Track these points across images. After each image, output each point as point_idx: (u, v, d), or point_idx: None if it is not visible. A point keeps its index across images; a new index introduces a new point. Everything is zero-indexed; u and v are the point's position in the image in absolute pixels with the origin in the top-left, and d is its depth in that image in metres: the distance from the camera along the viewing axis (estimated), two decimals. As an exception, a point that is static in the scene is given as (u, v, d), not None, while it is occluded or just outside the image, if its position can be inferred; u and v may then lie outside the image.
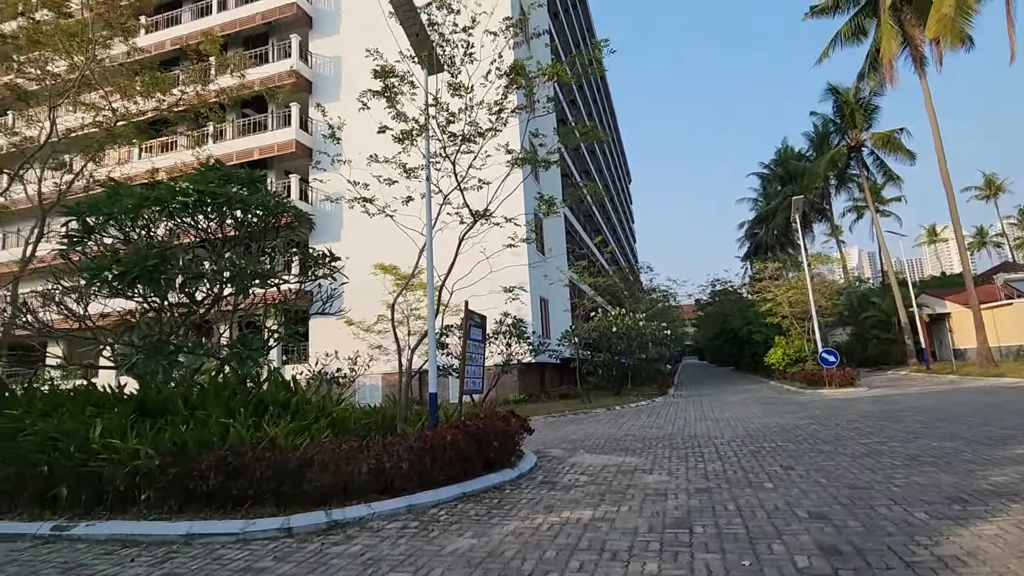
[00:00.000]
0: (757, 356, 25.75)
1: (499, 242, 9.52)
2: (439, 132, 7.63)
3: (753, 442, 7.88)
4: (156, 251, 6.45)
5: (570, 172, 26.79)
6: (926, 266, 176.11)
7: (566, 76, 8.03)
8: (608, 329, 17.98)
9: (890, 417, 9.60)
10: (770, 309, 21.46)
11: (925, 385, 16.49)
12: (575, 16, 34.37)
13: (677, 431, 9.67)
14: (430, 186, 7.44)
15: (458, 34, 7.74)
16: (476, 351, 7.57)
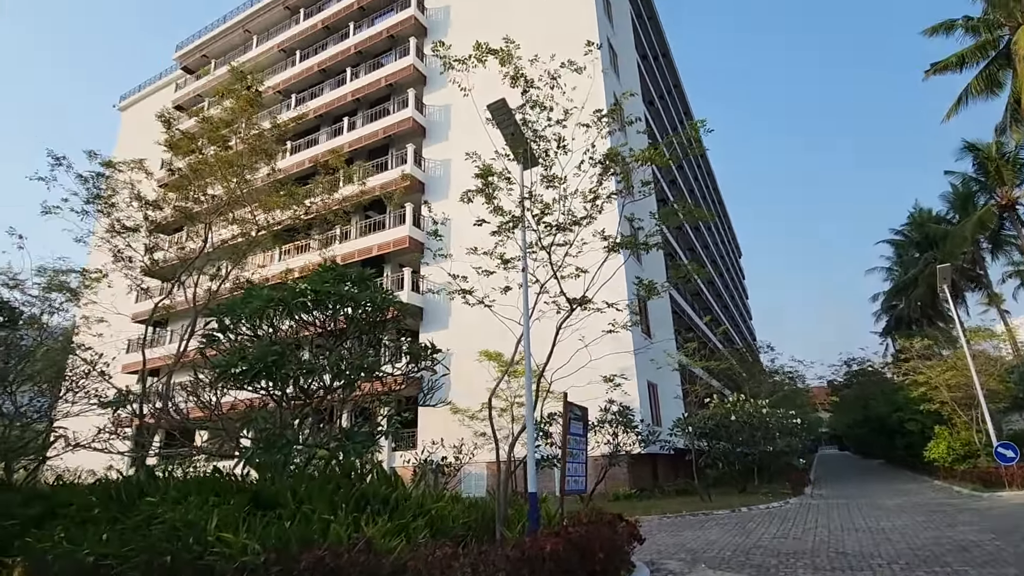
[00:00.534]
0: (913, 448, 22.06)
1: (600, 328, 9.23)
2: (534, 223, 7.77)
3: (923, 565, 6.45)
4: (277, 348, 6.96)
5: (673, 251, 26.14)
6: None
7: (661, 159, 7.98)
8: (726, 417, 16.42)
9: (1114, 539, 7.50)
10: (924, 394, 18.51)
11: None
12: (671, 101, 35.03)
13: (820, 545, 8.24)
14: (526, 277, 7.48)
15: (551, 127, 8.04)
16: (577, 446, 7.13)
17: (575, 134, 8.18)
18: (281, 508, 6.77)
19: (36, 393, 13.20)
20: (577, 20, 22.61)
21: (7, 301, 12.21)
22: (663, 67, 34.47)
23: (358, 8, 28.48)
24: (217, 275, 14.26)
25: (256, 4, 32.57)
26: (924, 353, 19.07)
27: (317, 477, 7.13)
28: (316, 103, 28.05)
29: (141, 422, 11.02)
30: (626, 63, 25.84)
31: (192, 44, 34.99)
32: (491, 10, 24.18)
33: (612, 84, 22.71)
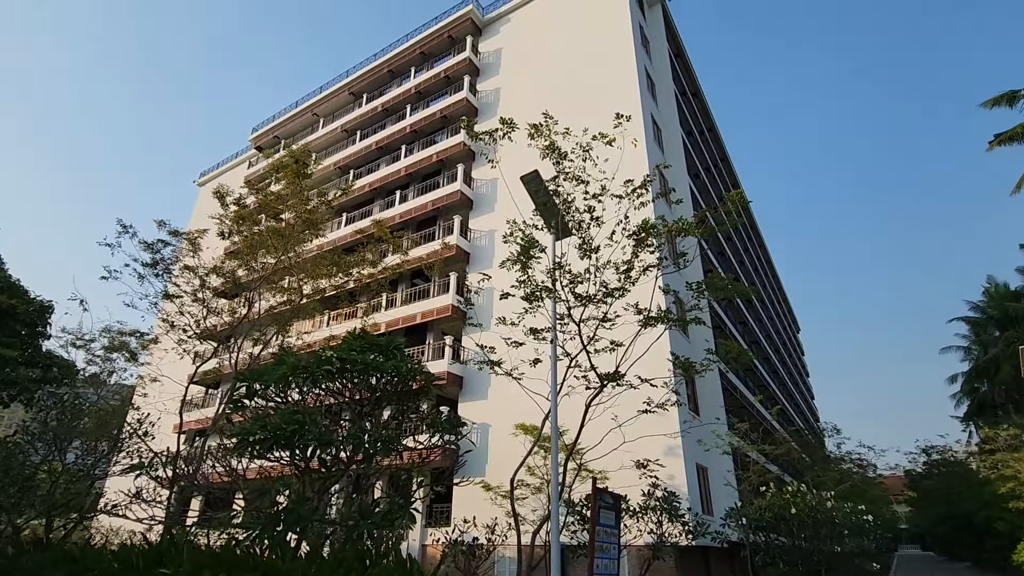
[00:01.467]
0: (1003, 551, 19.31)
1: (640, 405, 8.70)
2: (563, 293, 7.57)
3: None
4: (298, 416, 6.84)
5: (723, 324, 25.12)
6: None
7: (696, 231, 7.66)
8: (785, 509, 14.88)
9: None
10: (1012, 490, 16.34)
11: None
12: (717, 174, 35.02)
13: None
14: (555, 349, 7.20)
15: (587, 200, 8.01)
16: (608, 539, 6.48)
17: (610, 206, 8.10)
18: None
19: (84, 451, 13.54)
20: (621, 99, 23.30)
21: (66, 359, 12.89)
22: (709, 141, 34.75)
23: (415, 92, 30.52)
24: (260, 340, 14.63)
25: (325, 90, 35.56)
26: (1012, 443, 17.02)
27: (327, 558, 6.76)
28: (372, 177, 29.66)
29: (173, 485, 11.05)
30: (670, 138, 26.19)
31: (266, 127, 38.29)
32: (537, 91, 25.34)
33: (656, 157, 22.93)
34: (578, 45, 26.16)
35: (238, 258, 14.62)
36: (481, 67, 29.43)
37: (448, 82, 29.51)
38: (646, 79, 25.07)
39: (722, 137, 38.52)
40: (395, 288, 26.24)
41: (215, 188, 15.77)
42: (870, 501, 21.62)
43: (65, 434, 13.31)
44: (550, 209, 7.62)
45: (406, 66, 32.28)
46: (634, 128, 22.56)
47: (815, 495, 15.40)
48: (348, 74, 34.59)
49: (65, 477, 12.48)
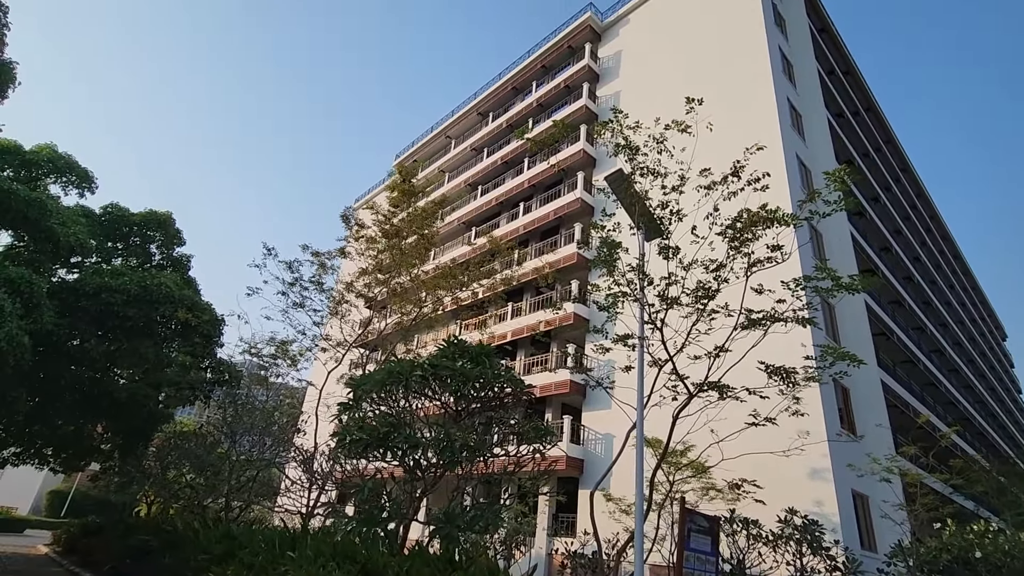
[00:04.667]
0: None
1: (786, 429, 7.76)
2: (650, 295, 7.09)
3: None
4: (390, 420, 7.27)
5: (888, 331, 21.70)
6: None
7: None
8: (967, 552, 12.25)
9: None
10: None
11: None
12: (880, 159, 30.56)
13: None
14: (642, 355, 6.76)
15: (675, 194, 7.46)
16: (701, 567, 5.90)
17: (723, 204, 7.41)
18: (386, 583, 6.81)
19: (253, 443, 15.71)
20: (749, 85, 21.48)
21: (234, 364, 15.14)
22: (868, 122, 30.52)
23: (537, 105, 31.15)
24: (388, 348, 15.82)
25: (456, 113, 37.82)
26: None
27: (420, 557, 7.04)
28: (498, 192, 30.76)
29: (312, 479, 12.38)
30: (814, 122, 23.47)
31: (407, 152, 41.76)
32: (657, 88, 24.34)
33: (793, 145, 20.68)
34: (699, 34, 24.74)
35: (368, 275, 16.02)
36: (600, 72, 29.13)
37: (568, 91, 29.65)
38: (780, 60, 22.82)
39: (885, 117, 33.56)
40: (521, 297, 26.79)
41: (342, 213, 17.48)
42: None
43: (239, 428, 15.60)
44: (635, 207, 7.22)
45: (528, 81, 33.09)
46: (766, 116, 20.66)
47: (1011, 536, 12.49)
48: (476, 96, 36.40)
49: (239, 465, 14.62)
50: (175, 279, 13.88)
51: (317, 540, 8.52)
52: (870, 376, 19.34)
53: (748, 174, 7.58)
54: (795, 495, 14.60)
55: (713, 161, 10.84)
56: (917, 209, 35.73)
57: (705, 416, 7.76)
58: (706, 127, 7.28)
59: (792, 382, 6.77)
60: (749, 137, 20.20)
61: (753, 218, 6.53)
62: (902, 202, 31.97)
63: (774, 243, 6.54)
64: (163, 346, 14.31)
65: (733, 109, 21.22)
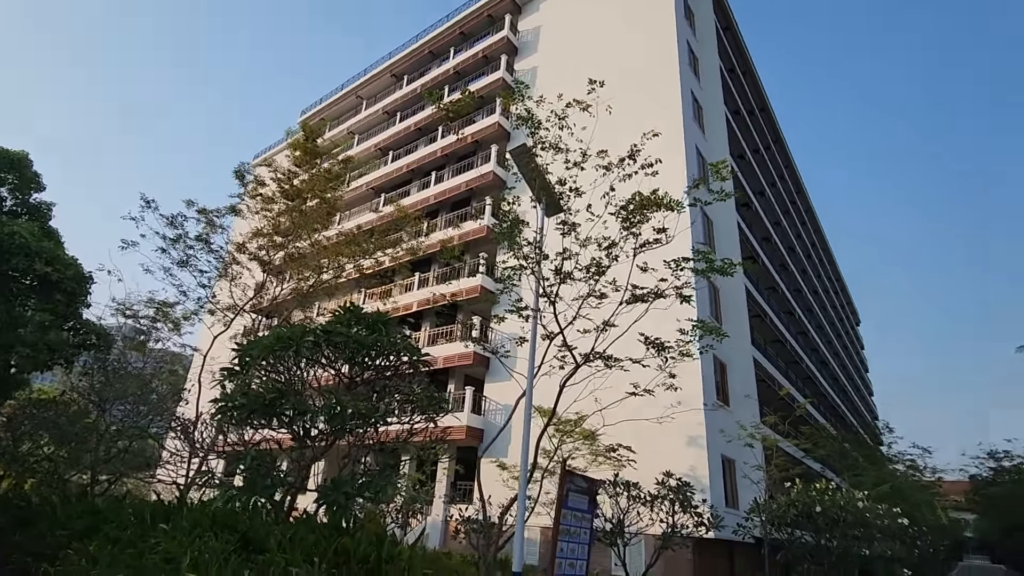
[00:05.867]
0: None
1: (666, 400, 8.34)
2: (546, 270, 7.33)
3: None
4: (277, 386, 7.00)
5: (762, 313, 23.96)
6: None
7: (666, 205, 7.14)
8: (810, 507, 14.13)
9: None
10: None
11: None
12: (768, 156, 33.24)
13: None
14: (535, 326, 7.00)
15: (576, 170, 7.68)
16: (577, 523, 6.31)
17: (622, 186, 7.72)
18: (267, 552, 6.64)
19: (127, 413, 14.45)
20: (659, 75, 22.39)
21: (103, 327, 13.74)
22: (760, 121, 32.98)
23: (454, 73, 30.47)
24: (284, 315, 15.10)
25: (368, 72, 36.06)
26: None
27: (305, 524, 6.93)
28: (410, 158, 29.96)
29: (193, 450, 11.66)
30: (713, 116, 24.99)
31: (314, 109, 39.33)
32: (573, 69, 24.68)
33: (694, 136, 21.94)
34: (615, 19, 25.29)
35: (264, 237, 15.07)
36: (519, 46, 28.98)
37: (486, 62, 29.25)
38: (688, 54, 23.94)
39: (776, 117, 36.44)
40: (429, 268, 26.53)
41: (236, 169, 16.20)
42: (912, 504, 20.23)
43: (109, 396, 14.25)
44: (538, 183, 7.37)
45: (446, 47, 32.21)
46: (671, 105, 21.69)
47: (845, 494, 14.54)
48: (390, 56, 34.90)
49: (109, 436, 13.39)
50: (31, 229, 12.24)
51: (194, 511, 8.09)
52: (745, 353, 21.36)
53: (647, 159, 7.94)
54: (674, 460, 15.94)
55: (620, 144, 11.28)
56: (796, 204, 39.38)
57: (592, 385, 8.23)
58: (605, 110, 7.54)
59: (666, 355, 7.32)
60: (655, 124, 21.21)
61: (643, 201, 6.91)
62: (783, 197, 35.09)
63: (661, 226, 6.98)
64: (16, 303, 12.67)
65: (641, 96, 22.05)
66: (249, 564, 6.22)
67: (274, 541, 6.67)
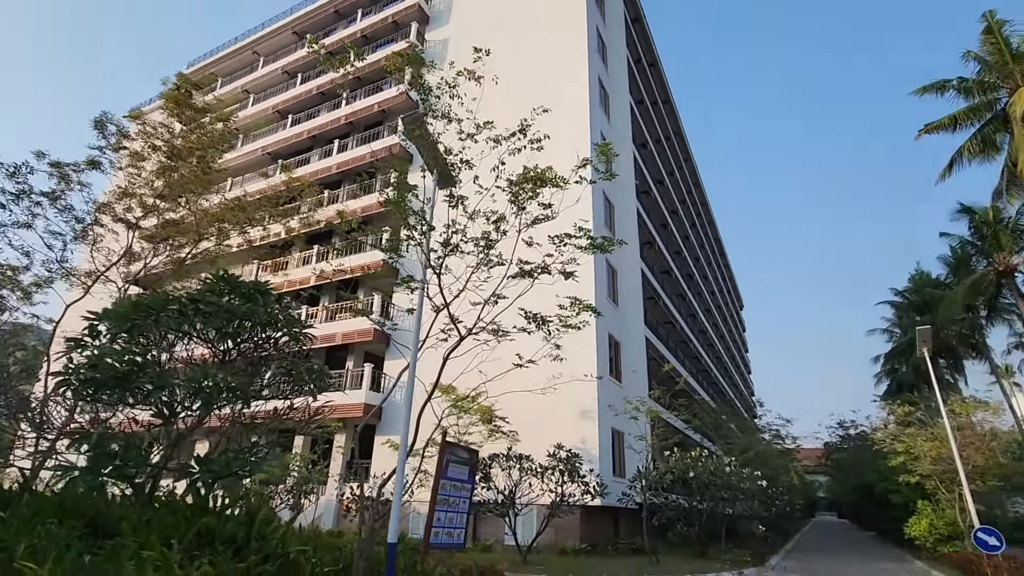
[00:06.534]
0: (899, 522, 20.62)
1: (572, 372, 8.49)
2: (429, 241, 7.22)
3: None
4: (132, 359, 6.37)
5: (656, 295, 25.41)
6: None
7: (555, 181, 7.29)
8: (685, 473, 15.38)
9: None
10: (904, 464, 17.34)
11: None
12: (668, 147, 34.95)
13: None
14: (422, 298, 6.89)
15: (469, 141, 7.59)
16: (456, 493, 6.36)
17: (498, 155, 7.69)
18: (119, 537, 6.10)
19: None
20: (569, 58, 22.68)
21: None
22: (662, 113, 34.54)
23: (361, 36, 28.98)
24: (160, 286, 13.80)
25: (267, 27, 33.38)
26: (905, 420, 17.98)
27: (165, 506, 6.43)
28: (311, 124, 28.28)
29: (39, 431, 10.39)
30: (618, 104, 25.79)
31: (203, 62, 35.83)
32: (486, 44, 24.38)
33: (599, 121, 22.56)
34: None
35: (132, 198, 13.56)
36: (431, 15, 28.10)
37: (396, 28, 28.10)
38: (597, 40, 24.44)
39: (677, 110, 38.37)
40: (329, 241, 25.40)
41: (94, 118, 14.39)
42: (774, 468, 22.72)
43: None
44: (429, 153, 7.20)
45: (353, 7, 30.55)
46: (579, 89, 22.10)
47: (715, 460, 15.93)
48: (292, 11, 32.51)
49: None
50: None
51: (38, 497, 7.25)
52: (638, 333, 22.58)
53: (536, 135, 7.89)
54: (567, 433, 16.62)
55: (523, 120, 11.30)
56: (692, 194, 41.92)
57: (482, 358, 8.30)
58: (492, 80, 7.52)
59: (548, 329, 7.52)
60: (562, 106, 21.55)
61: (530, 176, 6.99)
62: (681, 187, 37.18)
63: (549, 202, 7.11)
64: None
65: (550, 77, 22.27)
66: (95, 549, 5.68)
67: (128, 525, 6.14)
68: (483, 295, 7.36)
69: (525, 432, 16.48)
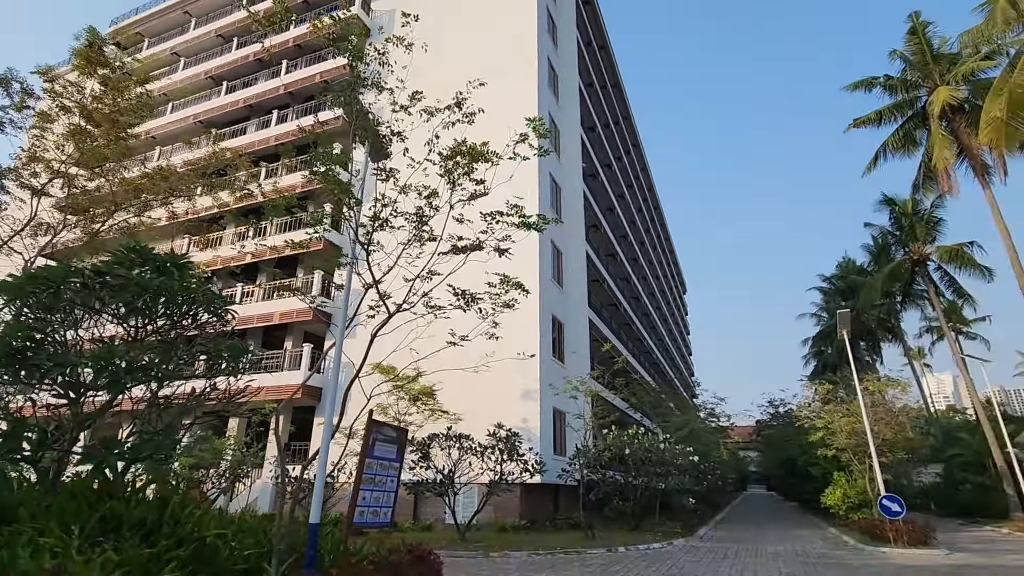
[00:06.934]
0: (817, 493, 22.10)
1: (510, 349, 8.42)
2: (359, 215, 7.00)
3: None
4: (29, 333, 5.88)
5: (600, 277, 25.85)
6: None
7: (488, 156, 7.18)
8: (621, 450, 15.86)
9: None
10: (822, 439, 18.51)
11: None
12: (616, 131, 35.31)
13: (659, 595, 7.59)
14: (350, 276, 6.69)
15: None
16: (383, 472, 6.27)
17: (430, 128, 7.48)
18: (17, 524, 5.69)
19: None
20: (518, 35, 22.38)
21: None
22: (612, 97, 34.80)
23: (303, 1, 27.59)
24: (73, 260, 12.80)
25: (201, -14, 31.25)
26: (826, 398, 19.15)
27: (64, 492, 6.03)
28: (248, 92, 26.84)
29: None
30: (568, 86, 25.76)
31: (128, 20, 33.22)
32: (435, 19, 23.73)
33: (547, 101, 22.47)
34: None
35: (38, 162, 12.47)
36: (379, -16, 27.04)
37: (341, -6, 26.88)
38: (547, 20, 24.23)
39: (627, 95, 38.75)
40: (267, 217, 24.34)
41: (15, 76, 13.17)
42: (706, 444, 23.85)
43: None
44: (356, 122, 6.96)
45: (296, -30, 28.94)
46: (528, 68, 21.90)
47: (651, 437, 16.49)
48: (228, -30, 30.49)
49: None
50: None
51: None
52: (582, 314, 22.93)
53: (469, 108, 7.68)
54: (509, 413, 16.77)
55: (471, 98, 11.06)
56: (639, 179, 42.66)
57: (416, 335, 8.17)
58: (422, 47, 7.29)
59: (479, 307, 7.46)
60: (511, 84, 21.31)
61: (461, 150, 6.85)
62: (628, 172, 37.75)
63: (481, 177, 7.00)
64: None
65: (499, 54, 21.94)
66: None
67: (26, 511, 5.73)
68: (417, 272, 7.21)
69: (468, 413, 16.50)
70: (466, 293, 7.23)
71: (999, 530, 19.14)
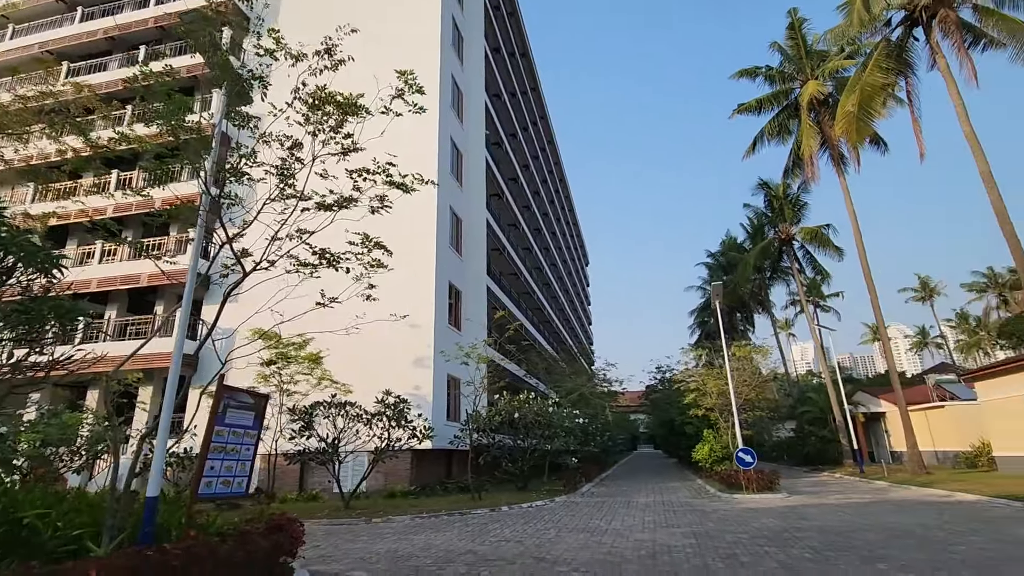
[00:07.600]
0: (691, 449, 24.22)
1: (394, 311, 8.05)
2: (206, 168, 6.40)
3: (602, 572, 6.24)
4: None
5: (501, 247, 26.00)
6: (878, 364, 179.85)
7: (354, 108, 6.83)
8: (512, 415, 16.29)
9: (781, 541, 8.10)
10: (695, 400, 20.19)
11: (849, 493, 15.11)
12: (524, 102, 35.21)
13: (529, 549, 7.91)
14: (200, 234, 6.12)
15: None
16: (237, 441, 5.90)
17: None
18: None
19: None
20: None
21: None
22: (520, 67, 34.54)
23: (178, -76, 24.39)
24: None
25: None
26: (705, 364, 20.80)
27: None
28: (107, 22, 23.55)
29: None
30: (473, 50, 25.15)
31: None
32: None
33: (451, 63, 21.82)
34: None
35: None
36: (268, -86, 24.51)
37: (223, -78, 24.08)
38: (452, -24, 23.32)
39: (536, 66, 38.64)
40: (134, 167, 21.82)
41: None
42: (594, 408, 25.27)
43: None
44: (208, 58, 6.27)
45: None
46: (430, 26, 21.06)
47: (539, 401, 17.06)
48: None
49: None
50: None
51: None
52: (480, 282, 22.99)
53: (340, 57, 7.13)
54: (401, 381, 16.57)
55: (373, 59, 10.34)
56: (545, 151, 43.08)
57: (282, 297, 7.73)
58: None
59: (340, 266, 7.15)
60: (410, 40, 20.40)
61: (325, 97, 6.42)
62: (535, 142, 37.94)
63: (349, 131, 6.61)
64: None
65: (401, 11, 20.89)
66: None
67: None
68: (285, 230, 6.74)
69: (360, 381, 16.11)
70: (326, 252, 6.87)
71: (833, 475, 22.12)
